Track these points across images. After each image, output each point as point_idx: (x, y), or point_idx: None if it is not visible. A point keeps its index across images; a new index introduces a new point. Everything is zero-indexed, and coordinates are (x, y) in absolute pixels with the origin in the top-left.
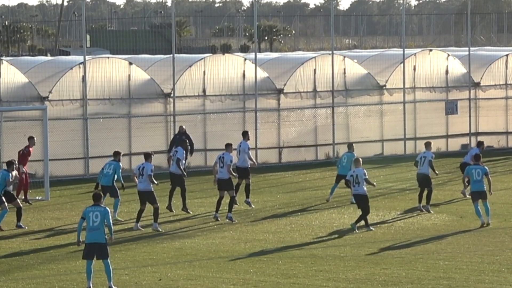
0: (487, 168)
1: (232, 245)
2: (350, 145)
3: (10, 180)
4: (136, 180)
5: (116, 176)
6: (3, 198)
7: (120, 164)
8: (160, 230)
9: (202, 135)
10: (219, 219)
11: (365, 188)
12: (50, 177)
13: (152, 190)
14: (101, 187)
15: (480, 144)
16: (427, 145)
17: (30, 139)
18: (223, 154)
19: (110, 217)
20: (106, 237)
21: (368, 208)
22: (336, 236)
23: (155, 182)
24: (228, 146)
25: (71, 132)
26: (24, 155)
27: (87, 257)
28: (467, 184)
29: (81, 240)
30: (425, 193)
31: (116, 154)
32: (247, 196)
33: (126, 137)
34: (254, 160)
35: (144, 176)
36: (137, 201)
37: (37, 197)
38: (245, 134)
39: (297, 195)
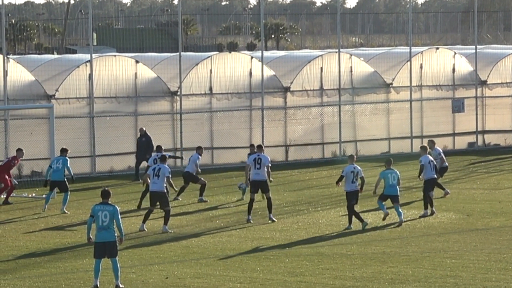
0: (399, 173)
1: (239, 243)
2: (259, 146)
3: None
4: (149, 181)
5: (66, 170)
6: None
7: (68, 158)
8: (170, 231)
9: (209, 133)
10: (251, 221)
11: None
12: None
13: (165, 192)
14: (51, 182)
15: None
16: (425, 149)
17: (18, 151)
18: (258, 155)
19: (120, 216)
20: (115, 235)
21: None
22: (343, 234)
23: (174, 187)
24: (260, 147)
25: (78, 130)
26: (8, 164)
27: (98, 256)
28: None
29: (91, 237)
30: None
31: (64, 151)
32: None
33: (132, 135)
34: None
35: (160, 177)
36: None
37: (43, 195)
38: (199, 148)
39: (304, 193)
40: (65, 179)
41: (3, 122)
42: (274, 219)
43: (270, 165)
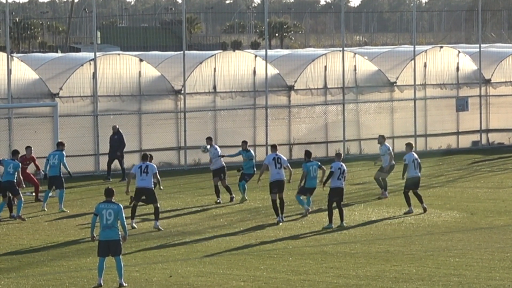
0: (319, 163)
1: (242, 242)
2: (274, 146)
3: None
4: (129, 189)
5: (62, 165)
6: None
7: (64, 153)
8: (161, 228)
9: (213, 131)
10: (282, 220)
11: None
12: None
13: (153, 188)
14: (48, 178)
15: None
16: (411, 147)
17: (27, 148)
18: (276, 155)
19: (123, 214)
20: (119, 233)
21: None
22: (346, 233)
23: (161, 184)
24: (275, 147)
25: (82, 128)
26: (23, 168)
27: (102, 254)
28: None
29: (95, 235)
30: (411, 193)
31: (60, 145)
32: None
33: (136, 133)
34: None
35: (149, 174)
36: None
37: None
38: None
39: None
40: (61, 175)
41: (7, 121)
42: (283, 219)
43: (288, 164)
